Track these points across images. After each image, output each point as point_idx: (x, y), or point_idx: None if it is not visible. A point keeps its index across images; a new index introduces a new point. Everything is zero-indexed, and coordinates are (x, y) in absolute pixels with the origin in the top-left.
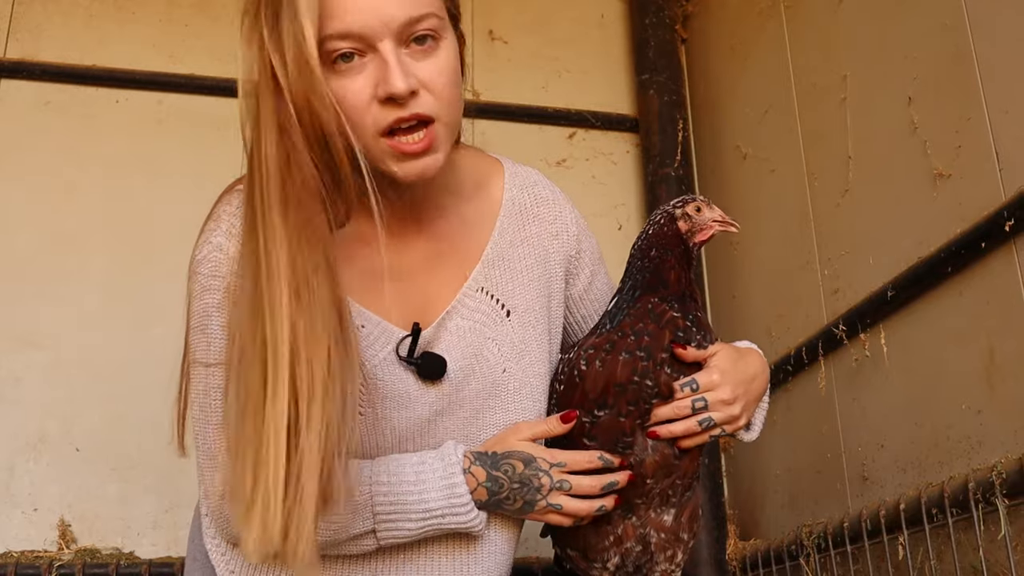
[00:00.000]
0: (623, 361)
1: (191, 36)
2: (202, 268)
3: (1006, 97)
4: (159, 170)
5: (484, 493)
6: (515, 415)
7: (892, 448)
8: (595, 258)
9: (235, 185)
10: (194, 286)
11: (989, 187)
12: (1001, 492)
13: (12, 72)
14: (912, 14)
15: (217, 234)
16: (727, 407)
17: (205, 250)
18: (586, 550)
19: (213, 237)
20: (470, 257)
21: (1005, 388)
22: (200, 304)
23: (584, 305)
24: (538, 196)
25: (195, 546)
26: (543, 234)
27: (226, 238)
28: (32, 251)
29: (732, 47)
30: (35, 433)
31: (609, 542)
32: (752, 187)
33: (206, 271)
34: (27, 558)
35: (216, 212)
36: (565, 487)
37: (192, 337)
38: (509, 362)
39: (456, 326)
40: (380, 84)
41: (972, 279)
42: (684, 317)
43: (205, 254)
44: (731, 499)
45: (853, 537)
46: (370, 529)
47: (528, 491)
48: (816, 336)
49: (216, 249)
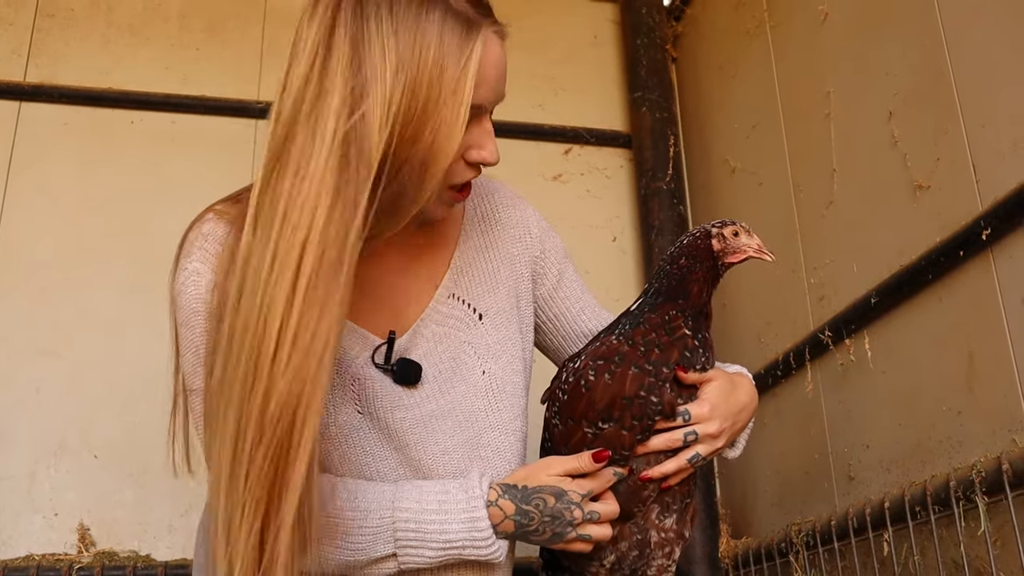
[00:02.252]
0: (632, 375)
1: (202, 59)
2: (183, 295)
3: (982, 111)
4: (172, 187)
5: (512, 526)
6: (506, 413)
7: (877, 449)
8: (561, 256)
9: (201, 217)
10: (179, 314)
11: (967, 197)
12: (981, 490)
13: (32, 95)
14: (891, 33)
15: (192, 260)
16: (713, 441)
17: (182, 277)
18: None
19: (188, 264)
20: (439, 266)
21: (983, 391)
22: (189, 331)
23: (555, 303)
24: (498, 203)
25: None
26: (507, 238)
27: (201, 263)
28: (52, 264)
29: (720, 65)
30: (55, 441)
31: (606, 541)
32: (741, 200)
33: (189, 295)
34: (48, 561)
35: (187, 241)
36: (595, 517)
37: (185, 364)
38: (487, 363)
39: (432, 332)
40: (476, 149)
41: (952, 286)
42: (694, 336)
43: (183, 280)
44: (723, 499)
45: (840, 534)
46: (391, 553)
47: (559, 524)
48: (803, 342)
49: (194, 274)
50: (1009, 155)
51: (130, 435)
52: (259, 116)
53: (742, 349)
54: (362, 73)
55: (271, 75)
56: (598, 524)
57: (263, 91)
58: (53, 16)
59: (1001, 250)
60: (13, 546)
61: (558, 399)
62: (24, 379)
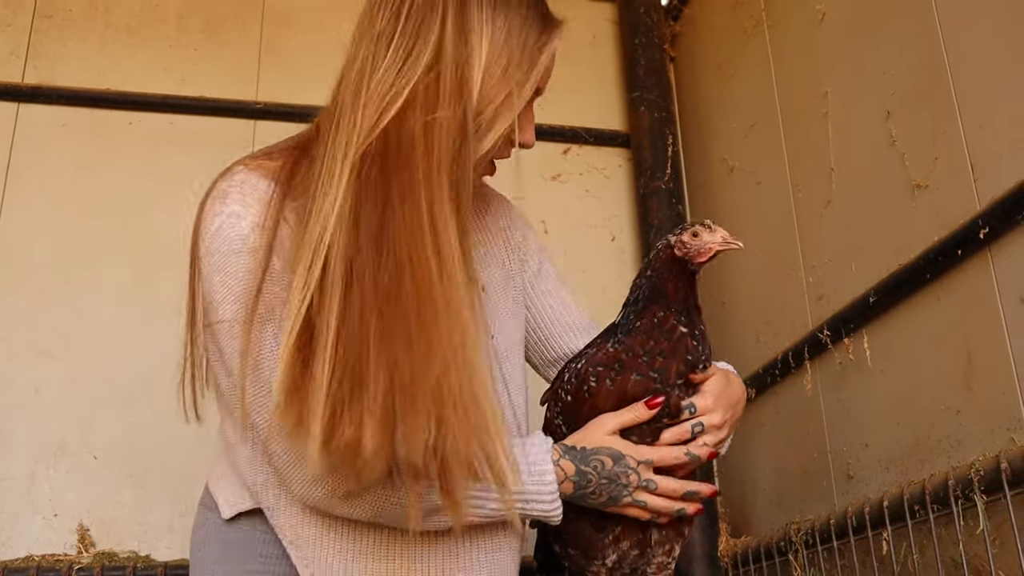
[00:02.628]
0: (635, 381)
1: (200, 60)
2: (219, 236)
3: (979, 111)
4: (171, 188)
5: (571, 487)
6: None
7: (876, 448)
8: (540, 247)
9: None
10: (211, 255)
11: (965, 197)
12: (979, 489)
13: (30, 97)
14: (889, 33)
15: (229, 204)
16: (717, 431)
17: (218, 220)
18: (587, 549)
19: (225, 207)
20: None
21: (982, 389)
22: (221, 270)
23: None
24: (486, 194)
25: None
26: (495, 226)
27: (240, 206)
28: (51, 265)
29: (718, 65)
30: (54, 442)
31: (608, 540)
32: (739, 199)
33: (227, 236)
34: (48, 562)
35: (219, 189)
36: (651, 487)
37: (215, 297)
38: (493, 328)
39: None
40: (520, 131)
41: (950, 285)
42: (691, 334)
43: (219, 222)
44: (722, 498)
45: (839, 533)
46: None
47: (615, 487)
48: (802, 341)
49: (232, 216)
50: (1007, 154)
51: (130, 435)
52: (258, 116)
53: (741, 348)
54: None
55: (269, 75)
56: (654, 494)
57: (261, 91)
58: (51, 17)
59: (999, 249)
60: (13, 547)
61: (561, 399)
62: (23, 380)
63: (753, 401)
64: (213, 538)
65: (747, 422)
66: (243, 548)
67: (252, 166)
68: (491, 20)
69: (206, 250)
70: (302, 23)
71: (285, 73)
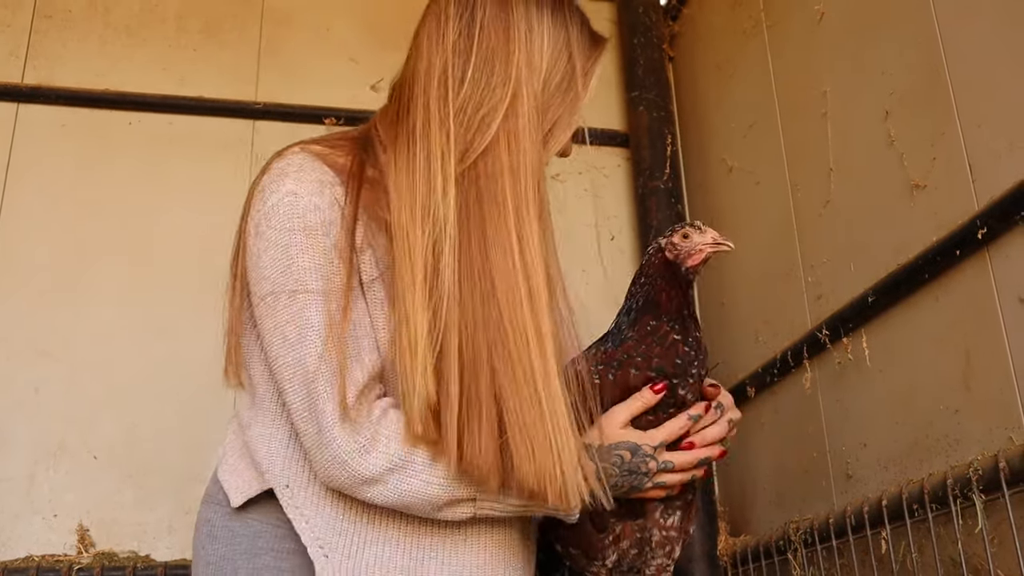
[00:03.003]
0: (634, 375)
1: (199, 60)
2: (276, 213)
3: (978, 111)
4: (170, 187)
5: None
6: None
7: (874, 447)
8: None
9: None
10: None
11: (963, 197)
12: (978, 488)
13: (30, 97)
14: (887, 33)
15: (286, 182)
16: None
17: (274, 198)
18: (588, 549)
19: (282, 186)
20: None
21: (980, 389)
22: (281, 241)
23: None
24: None
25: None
26: None
27: (297, 184)
28: (49, 266)
29: (717, 65)
30: (54, 442)
31: (608, 541)
32: (738, 199)
33: (283, 214)
34: (48, 562)
35: (275, 168)
36: (669, 467)
37: (273, 272)
38: None
39: None
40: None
41: (948, 285)
42: (685, 341)
43: (275, 200)
44: (722, 497)
45: (838, 532)
46: (471, 497)
47: (636, 478)
48: (801, 340)
49: (289, 194)
50: (1005, 155)
51: (129, 436)
52: (257, 116)
53: (740, 348)
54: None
55: (268, 75)
56: (672, 473)
57: (260, 91)
58: (51, 18)
59: (997, 249)
60: (12, 547)
61: None
62: (23, 380)
63: (752, 400)
64: (219, 532)
65: (747, 421)
66: (252, 543)
67: (311, 150)
68: (553, 39)
69: (260, 226)
70: (301, 23)
71: (284, 73)
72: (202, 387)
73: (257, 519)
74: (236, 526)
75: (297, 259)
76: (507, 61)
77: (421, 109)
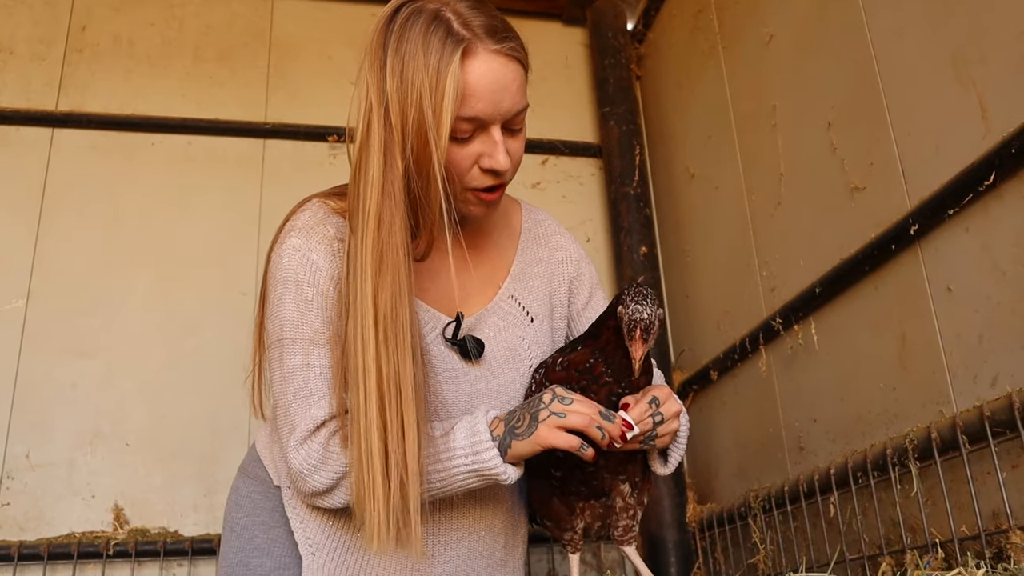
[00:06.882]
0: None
1: (215, 86)
2: (278, 264)
3: (908, 121)
4: (189, 202)
5: (502, 428)
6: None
7: (823, 422)
8: (594, 282)
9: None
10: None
11: (897, 198)
12: (913, 456)
13: (63, 122)
14: (829, 52)
15: (292, 237)
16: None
17: (280, 249)
18: (558, 520)
19: (288, 240)
20: (500, 270)
21: (915, 368)
22: (276, 292)
23: (581, 320)
24: (548, 229)
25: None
26: (551, 259)
27: (299, 238)
28: (84, 274)
29: (679, 83)
30: (91, 431)
31: (576, 514)
32: (699, 202)
33: (282, 265)
34: (88, 538)
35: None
36: (566, 403)
37: (269, 319)
38: (535, 359)
39: (493, 324)
40: (486, 157)
41: (885, 276)
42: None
43: (279, 252)
44: (690, 469)
45: (792, 499)
46: None
47: (533, 406)
48: (757, 328)
49: (290, 248)
50: (932, 159)
51: (158, 424)
52: (266, 136)
53: (703, 335)
54: (385, 92)
55: (276, 99)
56: (568, 409)
57: (270, 113)
58: (81, 51)
59: (928, 244)
60: (56, 525)
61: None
62: (62, 377)
63: (716, 383)
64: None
65: (710, 401)
66: (271, 515)
67: (328, 204)
68: (395, 70)
69: (269, 276)
70: (306, 52)
71: (290, 96)
72: (222, 380)
73: (279, 494)
74: (259, 498)
75: (282, 310)
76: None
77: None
